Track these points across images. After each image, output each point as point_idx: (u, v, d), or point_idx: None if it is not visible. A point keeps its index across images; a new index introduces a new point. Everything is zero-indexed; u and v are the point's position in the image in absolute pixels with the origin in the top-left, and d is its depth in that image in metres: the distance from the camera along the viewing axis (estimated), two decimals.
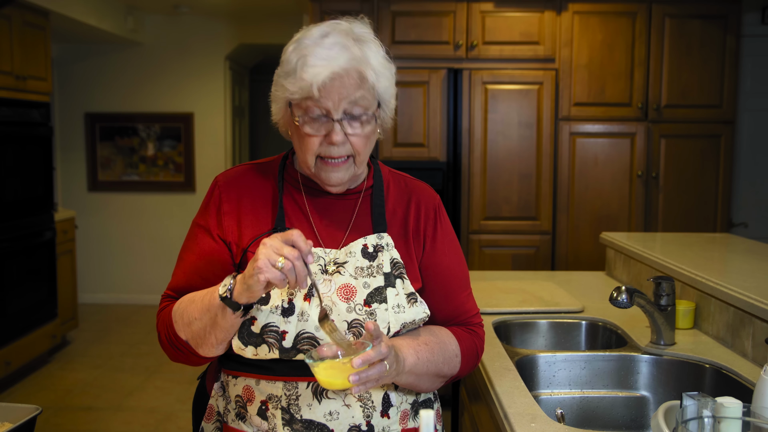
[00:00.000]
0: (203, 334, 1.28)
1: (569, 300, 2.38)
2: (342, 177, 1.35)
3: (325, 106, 1.29)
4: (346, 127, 1.31)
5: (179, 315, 1.33)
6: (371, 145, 1.37)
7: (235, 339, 1.29)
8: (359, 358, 1.13)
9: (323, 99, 1.28)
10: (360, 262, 1.34)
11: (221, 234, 1.37)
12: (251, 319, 1.28)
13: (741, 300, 1.84)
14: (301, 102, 1.31)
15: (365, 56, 1.32)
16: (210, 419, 1.43)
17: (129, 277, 6.72)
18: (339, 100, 1.28)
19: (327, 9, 3.98)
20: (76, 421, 3.96)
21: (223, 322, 1.24)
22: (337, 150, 1.31)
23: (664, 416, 1.29)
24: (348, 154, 1.33)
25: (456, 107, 4.01)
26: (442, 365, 1.37)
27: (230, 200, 1.39)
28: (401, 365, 1.27)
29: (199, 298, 1.30)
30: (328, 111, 1.29)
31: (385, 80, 1.35)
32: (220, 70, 6.61)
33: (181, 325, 1.32)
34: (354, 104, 1.30)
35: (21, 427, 1.43)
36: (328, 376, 1.14)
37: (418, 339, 1.35)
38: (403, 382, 1.32)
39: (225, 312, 1.23)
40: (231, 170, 1.46)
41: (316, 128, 1.31)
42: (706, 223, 4.13)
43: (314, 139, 1.31)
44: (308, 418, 1.28)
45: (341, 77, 1.28)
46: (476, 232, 4.08)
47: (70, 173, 6.68)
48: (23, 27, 4.58)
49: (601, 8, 4.03)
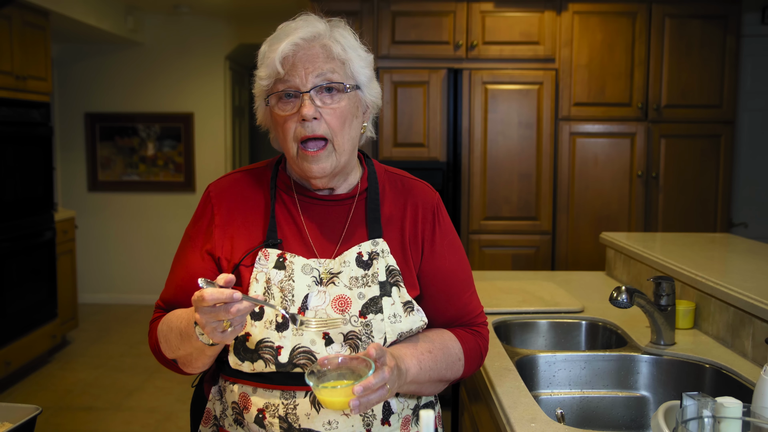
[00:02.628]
0: (190, 359, 1.29)
1: (569, 300, 2.38)
2: (323, 167, 1.31)
3: (293, 83, 1.28)
4: (316, 99, 1.28)
5: (163, 338, 1.33)
6: (352, 128, 1.33)
7: (231, 356, 1.29)
8: (360, 386, 1.10)
9: (289, 75, 1.28)
10: (354, 272, 1.31)
11: (211, 248, 1.36)
12: (246, 335, 1.27)
13: (741, 300, 1.83)
14: (273, 86, 1.30)
15: (331, 32, 1.32)
16: (207, 423, 1.42)
17: (129, 277, 6.71)
18: (305, 73, 1.27)
19: (327, 9, 3.97)
20: (76, 421, 3.96)
21: (210, 351, 1.24)
22: (311, 127, 1.28)
23: (664, 416, 1.29)
24: (324, 136, 1.29)
25: (456, 107, 4.01)
26: (445, 371, 1.35)
27: (221, 212, 1.37)
28: (403, 378, 1.25)
29: (176, 327, 1.29)
30: (296, 87, 1.28)
31: (359, 62, 1.34)
32: (220, 70, 6.61)
33: (166, 348, 1.33)
34: (323, 76, 1.28)
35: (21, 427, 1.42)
36: (329, 397, 1.13)
37: (421, 347, 1.32)
38: (405, 390, 1.31)
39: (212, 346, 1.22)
40: (223, 179, 1.44)
41: (290, 107, 1.29)
42: (706, 223, 4.13)
43: (288, 121, 1.29)
44: (307, 428, 1.26)
45: (304, 49, 1.28)
46: (476, 232, 4.08)
47: (70, 173, 6.68)
48: (23, 27, 4.58)
49: (601, 8, 4.03)
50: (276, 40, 1.30)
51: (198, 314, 1.12)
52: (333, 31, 1.32)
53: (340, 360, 1.18)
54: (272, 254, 1.31)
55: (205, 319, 1.11)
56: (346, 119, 1.31)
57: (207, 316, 1.11)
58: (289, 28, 1.31)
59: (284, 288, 1.29)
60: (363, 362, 1.15)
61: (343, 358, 1.18)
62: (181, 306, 1.36)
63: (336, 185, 1.38)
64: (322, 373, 1.16)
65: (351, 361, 1.17)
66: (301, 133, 1.29)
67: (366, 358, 1.15)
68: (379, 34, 4.02)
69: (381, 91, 1.42)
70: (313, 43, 1.29)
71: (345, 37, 1.33)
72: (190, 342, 1.23)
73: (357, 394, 1.10)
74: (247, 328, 1.27)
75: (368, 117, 1.40)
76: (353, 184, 1.40)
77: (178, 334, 1.27)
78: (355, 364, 1.16)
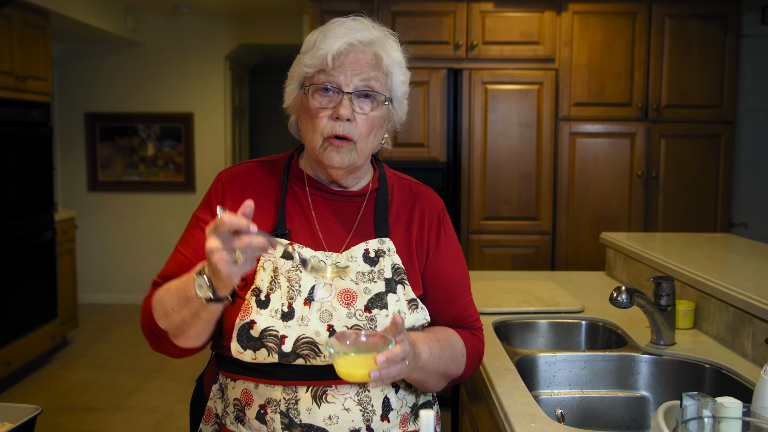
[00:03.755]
0: (183, 326, 1.26)
1: (569, 300, 2.38)
2: (342, 160, 1.32)
3: (337, 80, 1.29)
4: (355, 103, 1.30)
5: (159, 303, 1.30)
6: (376, 137, 1.36)
7: (234, 342, 1.28)
8: (383, 356, 1.11)
9: (336, 71, 1.29)
10: (361, 267, 1.32)
11: None
12: (250, 322, 1.27)
13: (741, 300, 1.84)
14: (315, 76, 1.31)
15: (385, 40, 1.34)
16: (208, 421, 1.42)
17: (129, 277, 6.71)
18: (351, 74, 1.29)
19: (327, 9, 3.98)
20: (76, 421, 3.96)
21: (206, 314, 1.21)
22: (343, 127, 1.30)
23: (664, 416, 1.29)
24: (352, 137, 1.31)
25: (456, 107, 4.01)
26: (450, 363, 1.37)
27: (233, 198, 1.38)
28: (416, 360, 1.26)
29: (174, 286, 1.27)
30: (339, 85, 1.29)
31: (399, 76, 1.36)
32: (220, 70, 6.61)
33: (159, 313, 1.29)
34: (367, 82, 1.30)
35: (21, 427, 1.42)
36: (349, 368, 1.12)
37: (430, 335, 1.35)
38: (414, 377, 1.31)
39: (208, 306, 1.19)
40: (235, 167, 1.45)
41: (326, 101, 1.31)
42: (706, 223, 4.13)
43: (322, 113, 1.31)
44: (308, 423, 1.27)
45: (356, 51, 1.30)
46: (476, 232, 4.08)
47: (70, 173, 6.68)
48: (23, 27, 4.58)
49: (601, 8, 4.03)
50: (332, 34, 1.31)
51: (211, 243, 1.08)
52: (385, 41, 1.34)
53: (360, 337, 1.18)
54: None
55: (217, 247, 1.08)
56: (374, 128, 1.34)
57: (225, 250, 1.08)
58: (346, 26, 1.32)
59: (291, 278, 1.30)
60: (382, 339, 1.16)
61: (364, 335, 1.19)
62: None
63: (349, 184, 1.41)
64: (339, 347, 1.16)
65: (370, 339, 1.18)
66: (332, 130, 1.30)
67: (386, 335, 1.16)
68: None
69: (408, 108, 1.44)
70: (367, 47, 1.31)
71: (395, 50, 1.36)
72: (187, 302, 1.21)
73: (379, 364, 1.10)
74: (252, 315, 1.27)
75: (390, 130, 1.43)
76: (364, 184, 1.43)
77: (176, 293, 1.25)
78: (374, 341, 1.17)
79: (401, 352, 1.14)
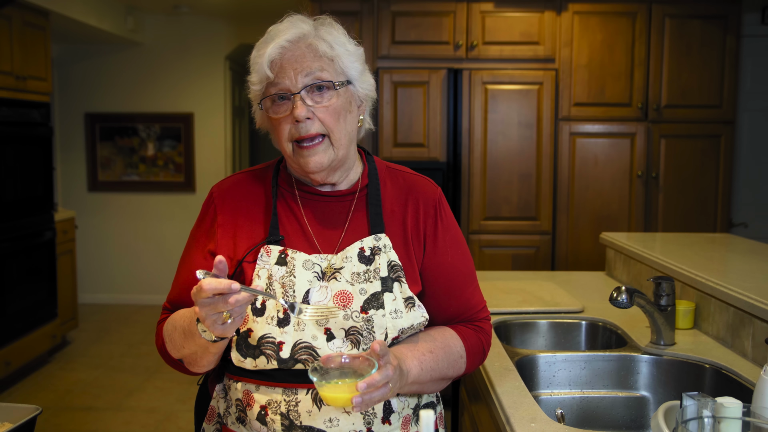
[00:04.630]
0: (195, 358, 1.30)
1: (569, 300, 2.38)
2: (320, 161, 1.32)
3: (284, 86, 1.30)
4: (307, 99, 1.30)
5: (168, 338, 1.35)
6: (348, 123, 1.35)
7: (234, 352, 1.30)
8: (364, 383, 1.11)
9: (279, 78, 1.30)
10: (356, 267, 1.31)
11: (213, 248, 1.37)
12: (248, 331, 1.28)
13: (741, 300, 1.83)
14: (266, 91, 1.32)
15: (316, 31, 1.33)
16: (211, 420, 1.43)
17: (129, 277, 6.71)
18: (294, 74, 1.29)
19: (327, 9, 3.97)
20: (76, 421, 3.96)
21: (215, 348, 1.25)
22: (305, 127, 1.30)
23: (664, 416, 1.29)
24: (319, 132, 1.31)
25: (456, 107, 4.01)
26: (446, 369, 1.36)
27: (224, 212, 1.39)
28: (404, 379, 1.25)
29: (180, 326, 1.30)
30: (287, 89, 1.30)
31: (348, 57, 1.35)
32: (220, 70, 6.61)
33: (171, 347, 1.34)
34: (312, 75, 1.30)
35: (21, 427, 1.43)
36: (332, 393, 1.14)
37: (422, 347, 1.33)
38: (407, 391, 1.31)
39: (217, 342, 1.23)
40: (226, 180, 1.46)
41: (282, 110, 1.31)
42: (706, 223, 4.13)
43: (282, 123, 1.31)
44: (308, 425, 1.27)
45: (290, 51, 1.30)
46: (476, 232, 4.08)
47: (70, 173, 6.68)
48: (23, 27, 4.58)
49: (601, 8, 4.03)
50: (263, 45, 1.32)
51: (198, 307, 1.12)
52: (318, 30, 1.34)
53: (343, 359, 1.18)
54: (274, 251, 1.33)
55: (205, 312, 1.12)
56: (339, 115, 1.33)
57: (206, 309, 1.11)
58: (276, 31, 1.33)
59: (285, 284, 1.30)
60: (366, 362, 1.16)
61: (346, 357, 1.18)
62: (186, 306, 1.37)
63: (337, 181, 1.39)
64: (325, 371, 1.17)
65: (354, 361, 1.18)
66: (295, 134, 1.31)
67: (369, 357, 1.16)
68: (379, 35, 4.02)
69: (375, 82, 1.43)
70: (298, 44, 1.31)
71: (331, 33, 1.34)
72: (194, 340, 1.24)
73: (360, 391, 1.11)
74: (248, 324, 1.28)
75: (364, 110, 1.42)
76: (354, 180, 1.41)
77: (182, 332, 1.28)
78: (358, 363, 1.17)
79: (382, 378, 1.14)
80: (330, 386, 1.14)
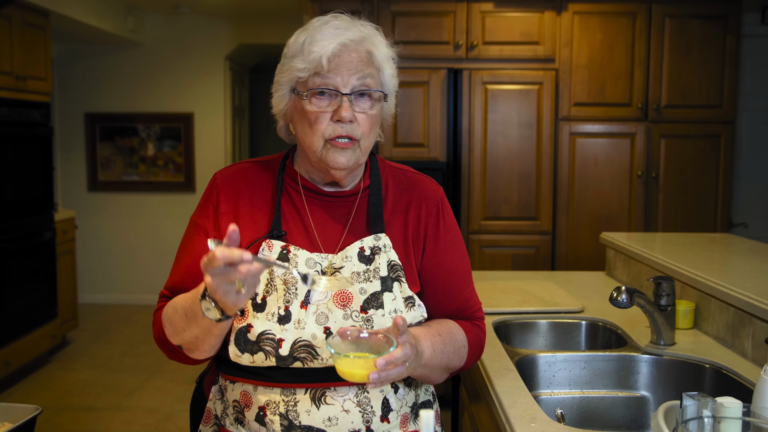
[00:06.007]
0: (196, 342, 1.27)
1: (569, 300, 2.38)
2: (348, 161, 1.31)
3: (333, 83, 1.27)
4: (355, 103, 1.29)
5: (168, 322, 1.31)
6: (375, 134, 1.36)
7: (232, 346, 1.28)
8: (383, 359, 1.11)
9: (332, 73, 1.27)
10: (356, 267, 1.31)
11: (218, 236, 1.36)
12: (248, 326, 1.27)
13: (741, 300, 1.84)
14: (308, 80, 1.29)
15: (373, 36, 1.33)
16: (208, 422, 1.41)
17: (129, 277, 6.72)
18: (348, 74, 1.27)
19: (327, 9, 3.95)
20: (76, 421, 3.96)
21: (217, 330, 1.23)
22: (345, 129, 1.28)
23: (664, 416, 1.29)
24: (355, 137, 1.30)
25: (456, 107, 4.01)
26: (452, 355, 1.36)
27: (228, 200, 1.38)
28: (419, 359, 1.25)
29: (181, 307, 1.27)
30: (336, 87, 1.28)
31: (389, 70, 1.35)
32: (220, 70, 6.61)
33: (171, 332, 1.31)
34: (363, 80, 1.29)
35: (21, 427, 1.43)
36: (349, 368, 1.12)
37: (432, 329, 1.34)
38: (417, 374, 1.31)
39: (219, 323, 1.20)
40: (230, 168, 1.44)
41: (324, 104, 1.29)
42: (706, 223, 4.13)
43: (321, 117, 1.29)
44: (307, 424, 1.27)
45: (350, 51, 1.28)
46: (476, 232, 4.08)
47: (70, 173, 6.68)
48: (23, 27, 4.58)
49: (601, 8, 4.03)
50: (320, 36, 1.28)
51: (209, 277, 1.10)
52: (374, 37, 1.33)
53: (361, 334, 1.18)
54: (276, 246, 1.32)
55: (216, 282, 1.09)
56: (374, 125, 1.34)
57: (218, 278, 1.09)
58: (332, 25, 1.30)
59: (287, 281, 1.29)
60: (384, 338, 1.16)
61: (366, 332, 1.18)
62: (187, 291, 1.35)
63: (347, 184, 1.40)
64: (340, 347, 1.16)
65: (372, 337, 1.18)
66: (335, 132, 1.29)
67: (388, 335, 1.16)
68: None
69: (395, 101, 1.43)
70: (360, 46, 1.30)
71: (383, 44, 1.35)
72: (196, 321, 1.22)
73: (379, 367, 1.11)
74: (248, 319, 1.27)
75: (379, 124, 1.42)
76: (357, 181, 1.42)
77: (183, 314, 1.26)
78: (375, 340, 1.17)
79: (402, 356, 1.14)
80: (347, 360, 1.13)
